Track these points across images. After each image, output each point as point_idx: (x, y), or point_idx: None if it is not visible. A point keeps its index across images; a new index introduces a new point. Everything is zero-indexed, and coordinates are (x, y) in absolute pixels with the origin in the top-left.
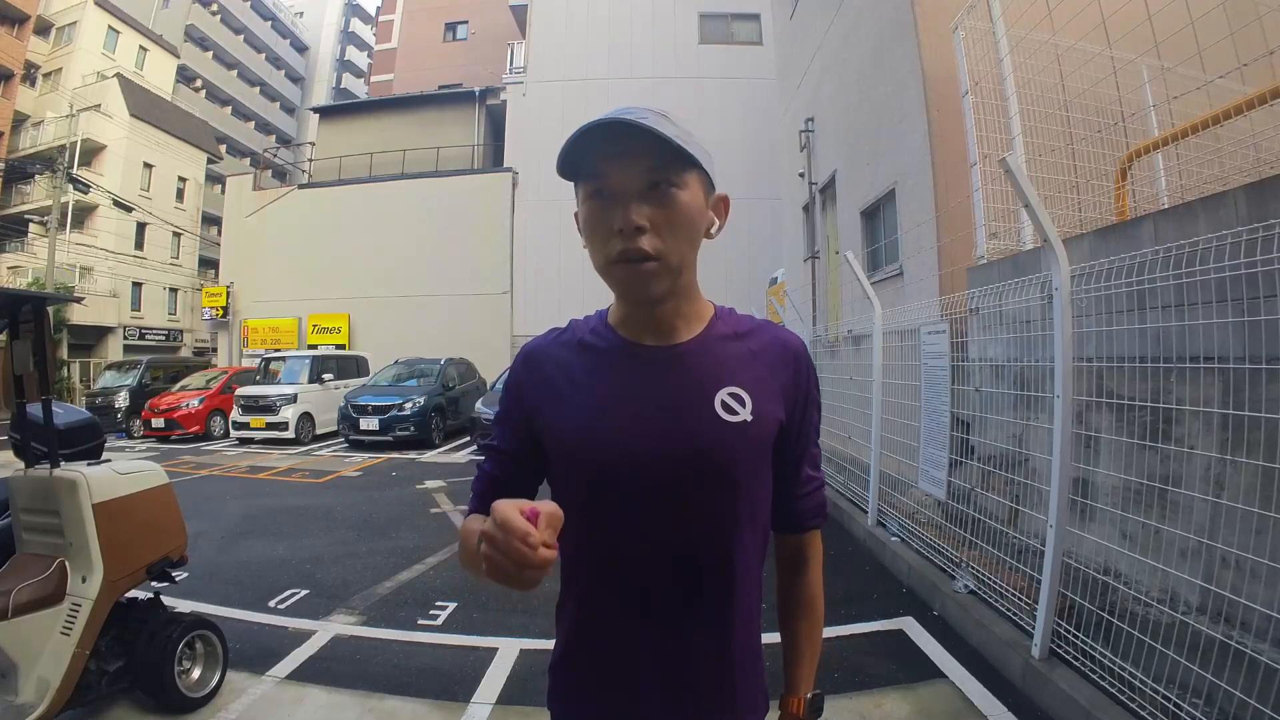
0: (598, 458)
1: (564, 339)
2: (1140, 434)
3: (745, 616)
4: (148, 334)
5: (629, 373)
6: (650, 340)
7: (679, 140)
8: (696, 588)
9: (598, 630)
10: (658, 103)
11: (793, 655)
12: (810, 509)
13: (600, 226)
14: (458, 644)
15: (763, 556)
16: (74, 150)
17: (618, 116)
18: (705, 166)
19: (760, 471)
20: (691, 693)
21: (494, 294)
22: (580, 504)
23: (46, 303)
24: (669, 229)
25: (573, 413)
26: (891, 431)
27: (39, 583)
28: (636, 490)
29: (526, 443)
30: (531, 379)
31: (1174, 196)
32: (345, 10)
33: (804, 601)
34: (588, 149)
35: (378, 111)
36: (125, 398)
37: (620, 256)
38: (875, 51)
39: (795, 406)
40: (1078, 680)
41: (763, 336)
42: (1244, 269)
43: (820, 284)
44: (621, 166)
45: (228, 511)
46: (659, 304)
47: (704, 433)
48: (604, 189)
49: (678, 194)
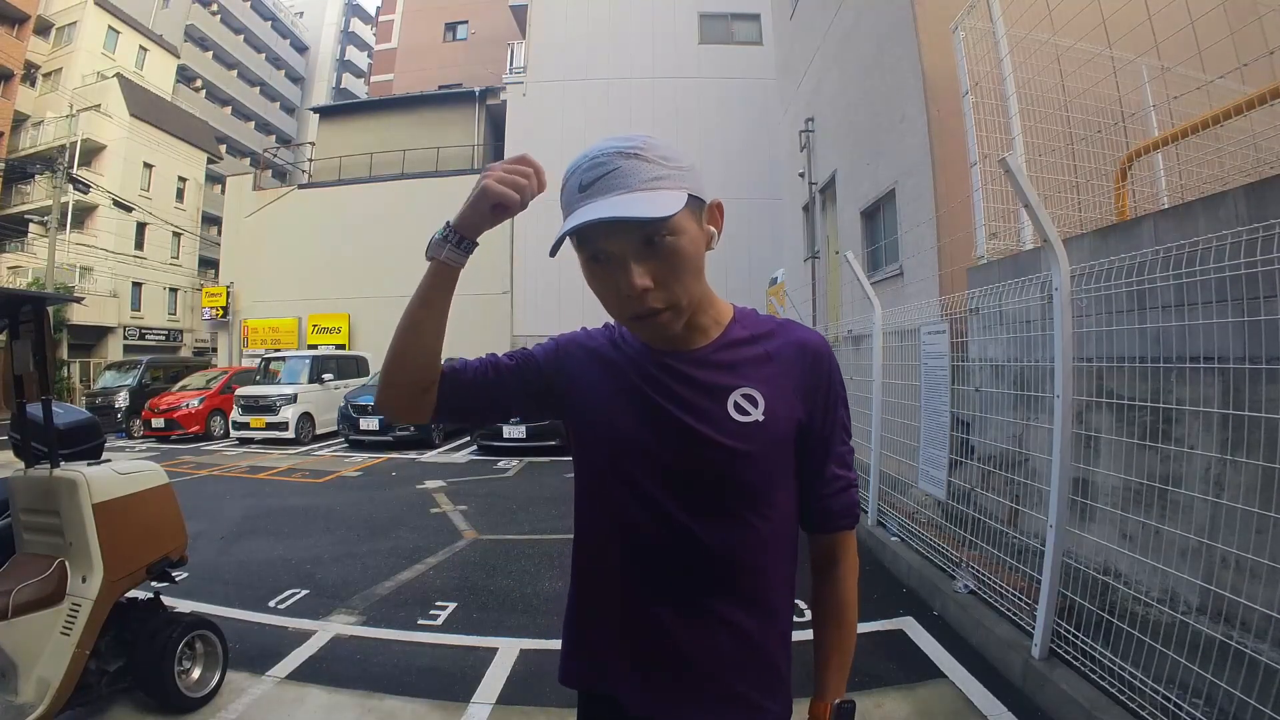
0: (618, 451)
1: (594, 343)
2: (1140, 434)
3: (760, 612)
4: (148, 334)
5: (651, 376)
6: (669, 348)
7: (659, 194)
8: (707, 581)
9: (603, 604)
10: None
11: (820, 659)
12: (839, 509)
13: (607, 290)
14: (458, 644)
15: (787, 557)
16: (74, 150)
17: (592, 219)
18: (693, 190)
19: (776, 470)
20: (686, 679)
21: (494, 294)
22: (601, 488)
23: (46, 303)
24: (674, 278)
25: (598, 403)
26: (891, 431)
27: (39, 583)
28: (652, 485)
29: (530, 379)
30: (574, 352)
31: (1174, 196)
32: (345, 10)
33: (834, 605)
34: (575, 230)
35: (378, 111)
36: (125, 398)
37: (634, 316)
38: (875, 51)
39: (815, 405)
40: (1078, 680)
41: (780, 338)
42: (1244, 269)
43: (820, 284)
44: (612, 236)
45: (228, 511)
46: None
47: (717, 433)
48: (600, 254)
49: (673, 242)
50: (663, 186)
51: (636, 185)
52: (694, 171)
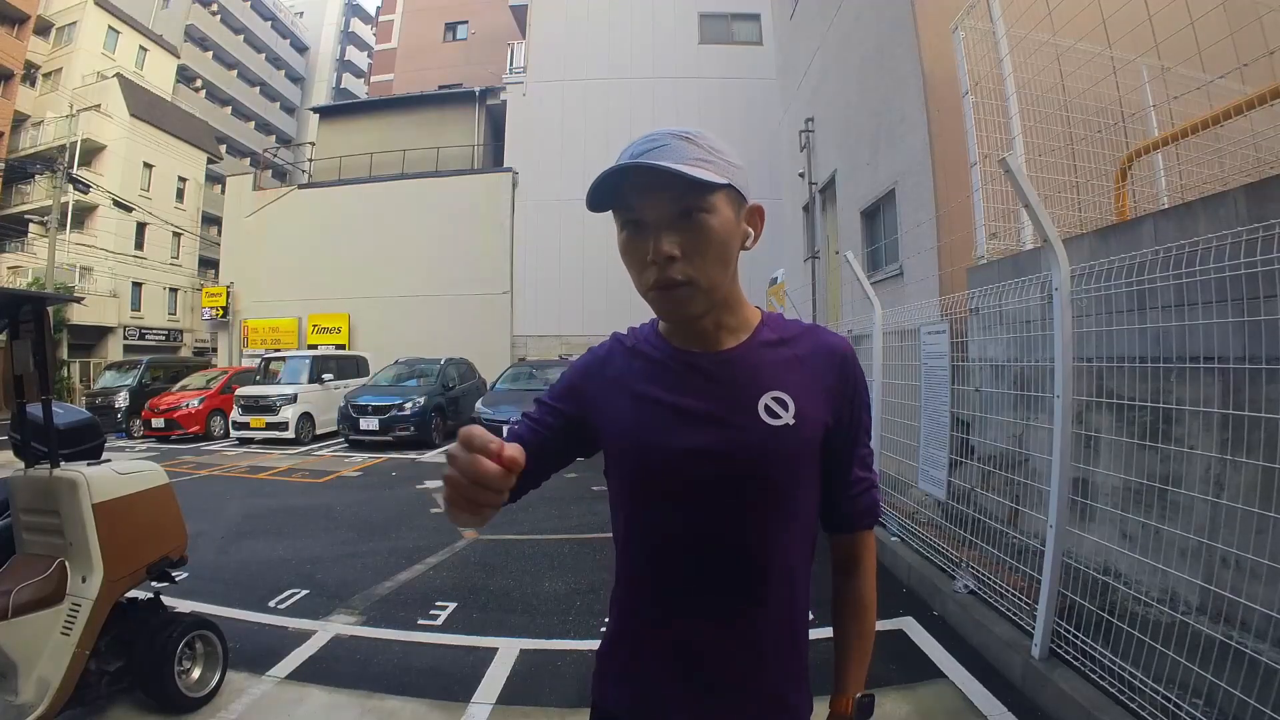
0: (646, 456)
1: (622, 347)
2: (1140, 434)
3: (789, 614)
4: (148, 334)
5: (678, 379)
6: (697, 348)
7: (701, 170)
8: (740, 584)
9: (643, 622)
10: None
11: (842, 655)
12: (861, 509)
13: (636, 256)
14: (458, 644)
15: (809, 557)
16: (74, 150)
17: (638, 161)
18: (736, 183)
19: (803, 473)
20: (731, 688)
21: (494, 294)
22: (631, 500)
23: (46, 303)
24: (700, 254)
25: (626, 414)
26: (891, 431)
27: (39, 583)
28: (683, 489)
29: (560, 431)
30: (591, 382)
31: (1174, 196)
32: (345, 10)
33: (856, 602)
34: (616, 183)
35: (378, 111)
36: (125, 398)
37: (655, 284)
38: (875, 51)
39: (842, 408)
40: (1078, 680)
41: (808, 341)
42: (1244, 269)
43: (820, 284)
44: (649, 199)
45: (228, 511)
46: (698, 320)
47: (747, 436)
48: (635, 220)
49: (706, 219)
50: (708, 169)
51: (684, 160)
52: (742, 171)
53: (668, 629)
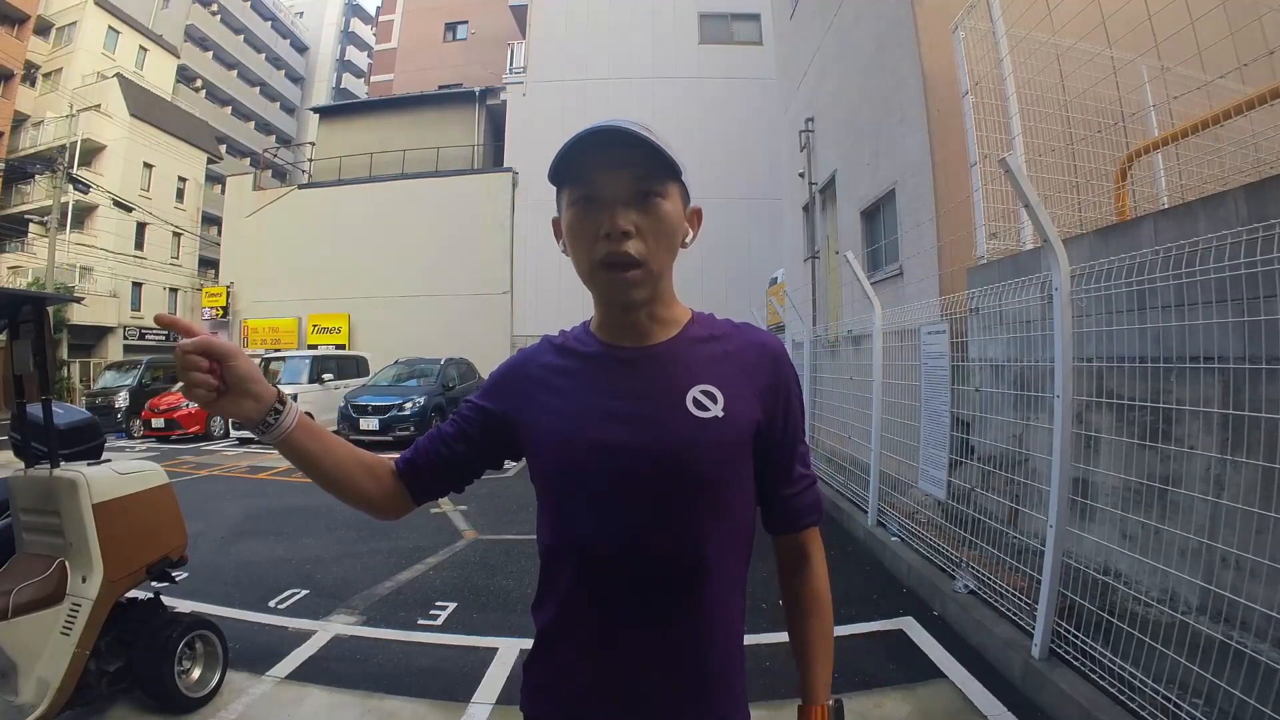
0: (571, 454)
1: (551, 345)
2: (1140, 434)
3: (721, 620)
4: (148, 334)
5: (605, 373)
6: (627, 343)
7: (665, 148)
8: (667, 587)
9: (568, 629)
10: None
11: (805, 658)
12: (804, 506)
13: (586, 231)
14: (457, 644)
15: (743, 560)
16: (74, 150)
17: (610, 123)
18: (683, 179)
19: (734, 470)
20: (661, 697)
21: (494, 294)
22: (556, 500)
23: (46, 303)
24: (653, 236)
25: (551, 411)
26: (891, 431)
27: (39, 583)
28: (607, 485)
29: (485, 431)
30: (516, 380)
31: (1174, 196)
32: (345, 10)
33: (810, 599)
34: (578, 156)
35: (378, 111)
36: (125, 398)
37: (605, 260)
38: (875, 51)
39: (775, 405)
40: (1078, 680)
41: (738, 338)
42: (1244, 269)
43: (820, 284)
44: (610, 174)
45: (228, 511)
46: (638, 309)
47: (675, 428)
48: (591, 195)
49: (662, 203)
50: (670, 152)
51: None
52: (686, 170)
53: (593, 637)
